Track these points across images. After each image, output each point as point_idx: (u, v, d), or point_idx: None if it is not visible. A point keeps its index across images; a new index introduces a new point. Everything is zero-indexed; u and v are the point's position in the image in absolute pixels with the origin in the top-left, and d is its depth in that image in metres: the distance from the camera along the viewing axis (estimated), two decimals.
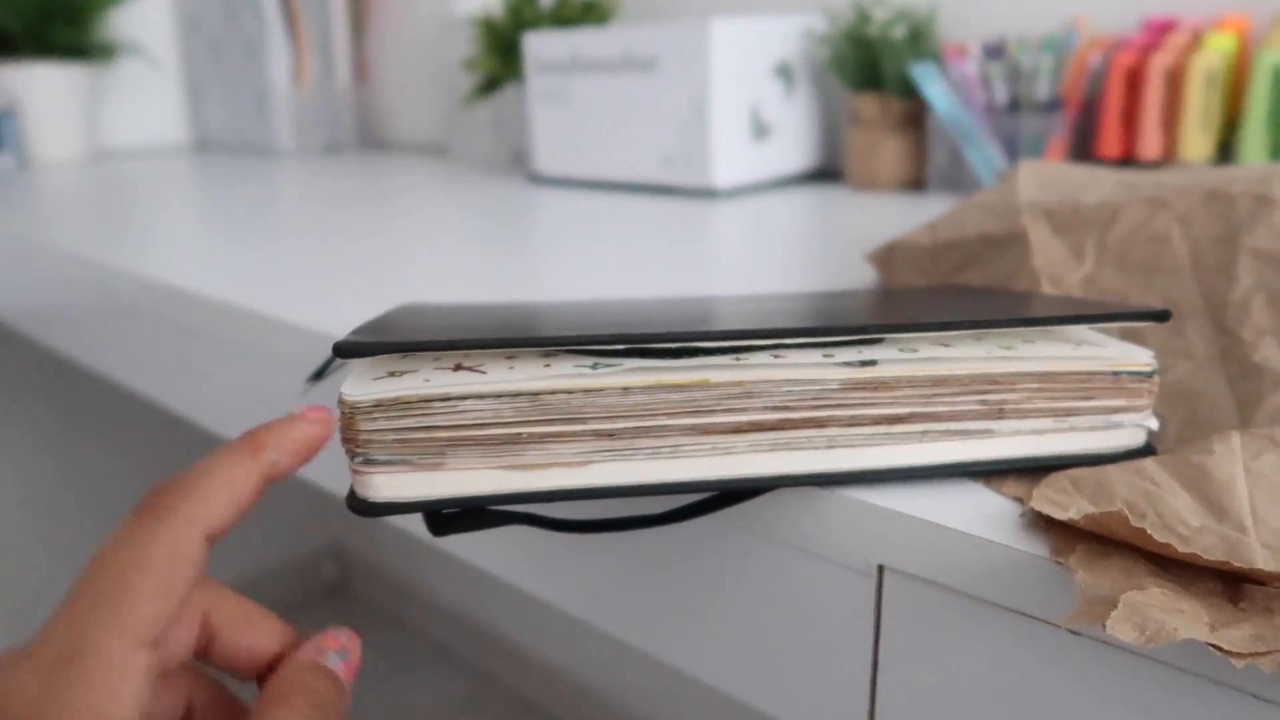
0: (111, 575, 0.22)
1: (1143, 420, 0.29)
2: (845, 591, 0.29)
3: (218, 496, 0.24)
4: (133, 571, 0.22)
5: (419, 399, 0.26)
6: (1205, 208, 0.38)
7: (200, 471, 0.24)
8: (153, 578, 0.22)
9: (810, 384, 0.27)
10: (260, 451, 0.25)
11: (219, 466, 0.25)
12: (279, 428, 0.26)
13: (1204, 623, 0.21)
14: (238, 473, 0.25)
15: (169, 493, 0.24)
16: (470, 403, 0.26)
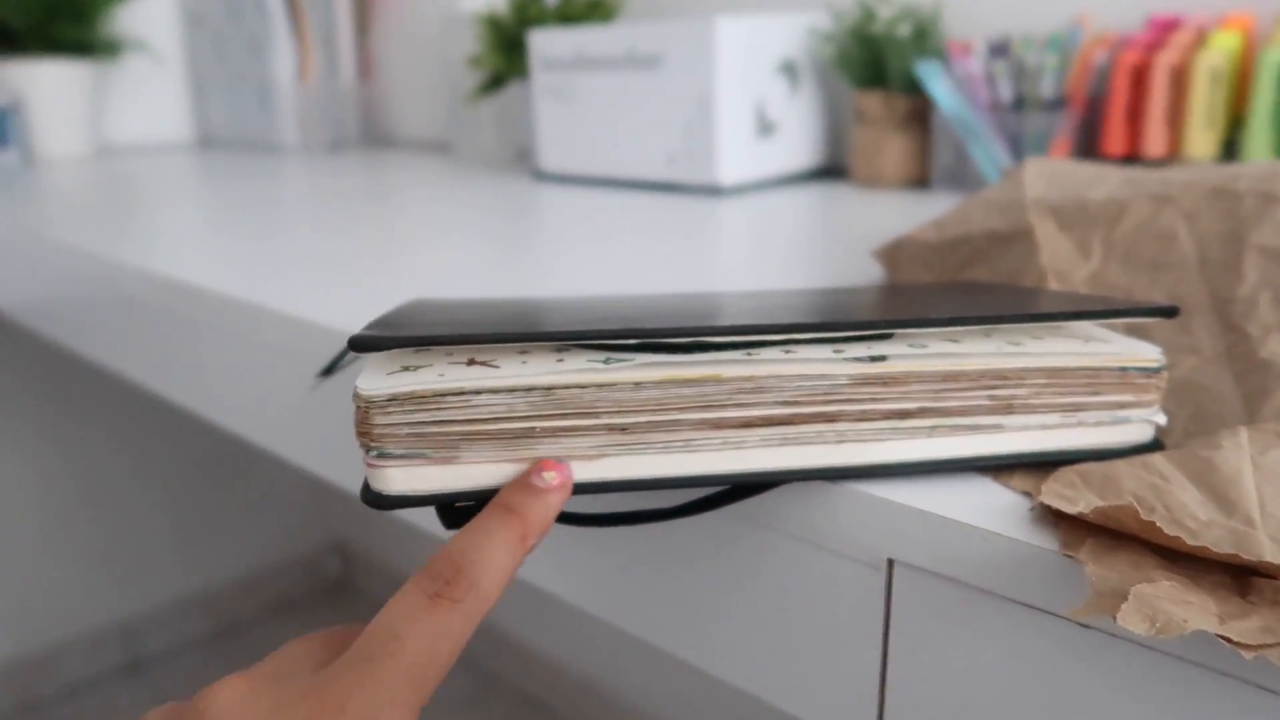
0: (409, 655, 0.24)
1: (1151, 415, 0.29)
2: (855, 584, 0.29)
3: (495, 588, 0.26)
4: (428, 658, 0.24)
5: (433, 393, 0.26)
6: (1211, 204, 0.38)
7: (482, 560, 0.26)
8: (440, 666, 0.24)
9: (820, 379, 0.27)
10: (526, 540, 0.26)
11: (497, 556, 0.26)
12: (540, 509, 0.27)
13: (1213, 615, 0.21)
14: (510, 562, 0.26)
15: (459, 584, 0.25)
16: (484, 397, 0.26)
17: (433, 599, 0.25)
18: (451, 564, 0.25)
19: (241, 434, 0.58)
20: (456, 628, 0.25)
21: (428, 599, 0.25)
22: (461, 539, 0.26)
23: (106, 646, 1.60)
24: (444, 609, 0.25)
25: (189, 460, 1.64)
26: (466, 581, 0.25)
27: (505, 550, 0.26)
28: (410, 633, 0.24)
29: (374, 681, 0.24)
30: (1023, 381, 0.28)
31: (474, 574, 0.25)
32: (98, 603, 1.59)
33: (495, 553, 0.26)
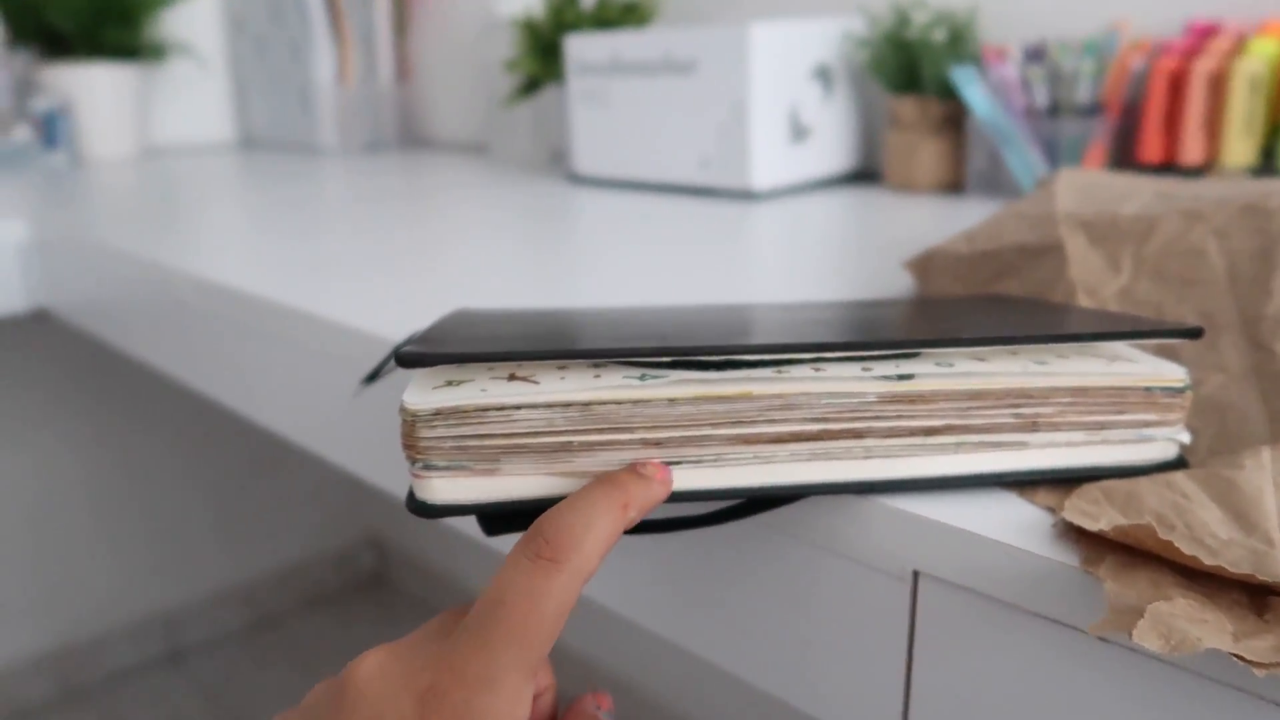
0: (516, 618, 0.25)
1: (1175, 434, 0.30)
2: (881, 595, 0.30)
3: (596, 551, 0.26)
4: (534, 619, 0.25)
5: (476, 408, 0.27)
6: (1242, 221, 0.38)
7: (583, 523, 0.27)
8: (547, 627, 0.25)
9: (849, 397, 0.28)
10: (627, 510, 0.27)
11: (598, 520, 0.27)
12: (642, 486, 0.28)
13: (1228, 633, 0.21)
14: (610, 528, 0.27)
15: (560, 545, 0.26)
16: (524, 412, 0.28)
17: (533, 561, 0.26)
18: (554, 527, 0.26)
19: (282, 434, 0.60)
20: (559, 588, 0.26)
21: (529, 562, 0.26)
22: (564, 505, 0.27)
23: (148, 636, 1.64)
24: (544, 570, 0.26)
25: (230, 456, 1.67)
26: (568, 543, 0.26)
27: (607, 516, 0.27)
28: (513, 596, 0.25)
29: (486, 647, 0.25)
30: (1048, 400, 0.29)
31: (575, 535, 0.26)
32: (140, 594, 1.62)
33: (596, 517, 0.27)
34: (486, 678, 0.25)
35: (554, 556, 0.26)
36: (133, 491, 1.59)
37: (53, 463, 1.50)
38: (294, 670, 1.63)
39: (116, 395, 1.54)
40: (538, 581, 0.26)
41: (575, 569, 0.26)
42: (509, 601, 0.25)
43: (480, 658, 0.25)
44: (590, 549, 0.26)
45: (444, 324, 0.34)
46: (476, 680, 0.25)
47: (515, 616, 0.25)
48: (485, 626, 0.25)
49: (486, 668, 0.25)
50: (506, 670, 0.25)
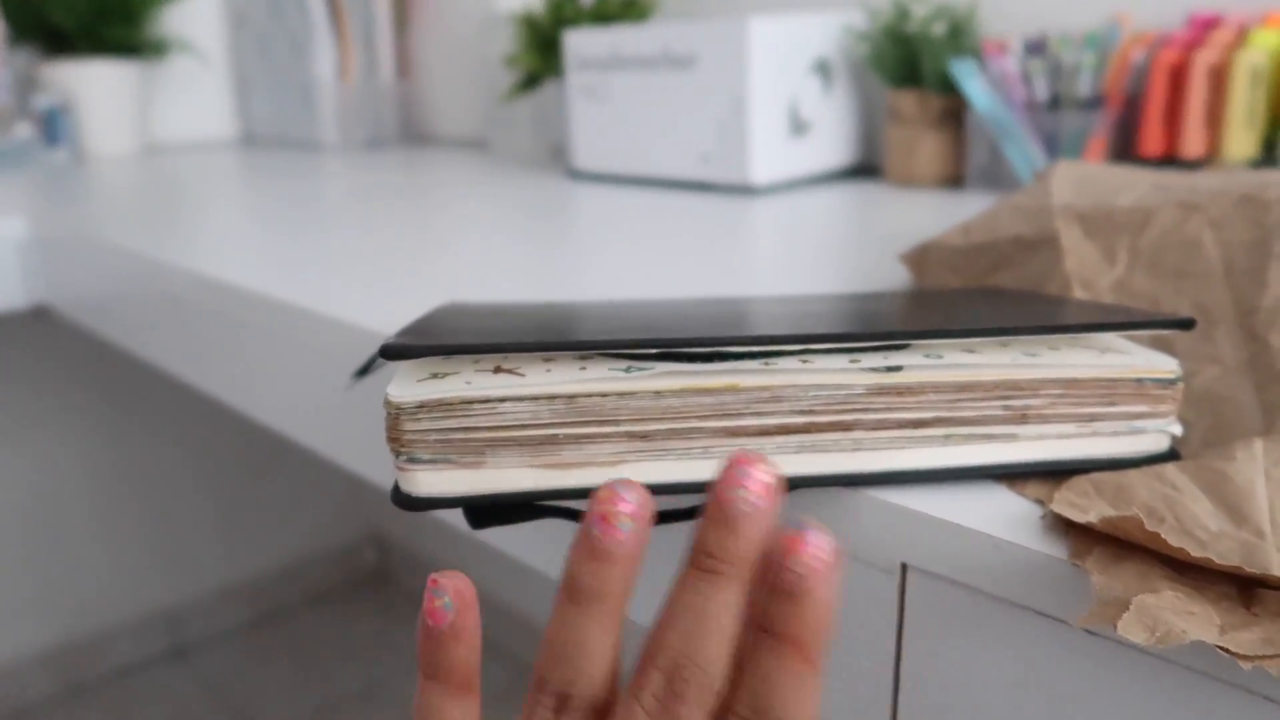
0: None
1: (1166, 426, 0.29)
2: (870, 588, 0.30)
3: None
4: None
5: (460, 401, 0.27)
6: (1238, 212, 0.38)
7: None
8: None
9: (836, 389, 0.28)
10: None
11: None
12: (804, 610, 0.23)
13: (1214, 625, 0.21)
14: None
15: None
16: (509, 404, 0.27)
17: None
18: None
19: (281, 430, 0.60)
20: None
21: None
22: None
23: (152, 632, 1.64)
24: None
25: (232, 452, 1.67)
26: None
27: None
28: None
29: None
30: (1038, 392, 0.28)
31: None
32: (144, 590, 1.63)
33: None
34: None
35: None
36: (134, 488, 1.59)
37: (54, 459, 1.51)
38: (297, 666, 1.64)
39: (117, 392, 1.55)
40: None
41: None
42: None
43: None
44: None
45: (432, 316, 0.34)
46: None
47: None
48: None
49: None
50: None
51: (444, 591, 0.25)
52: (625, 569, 0.23)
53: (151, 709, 1.54)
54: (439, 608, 0.25)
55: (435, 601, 0.25)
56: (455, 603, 0.25)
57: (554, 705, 0.24)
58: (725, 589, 0.22)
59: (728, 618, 0.22)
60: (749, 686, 0.22)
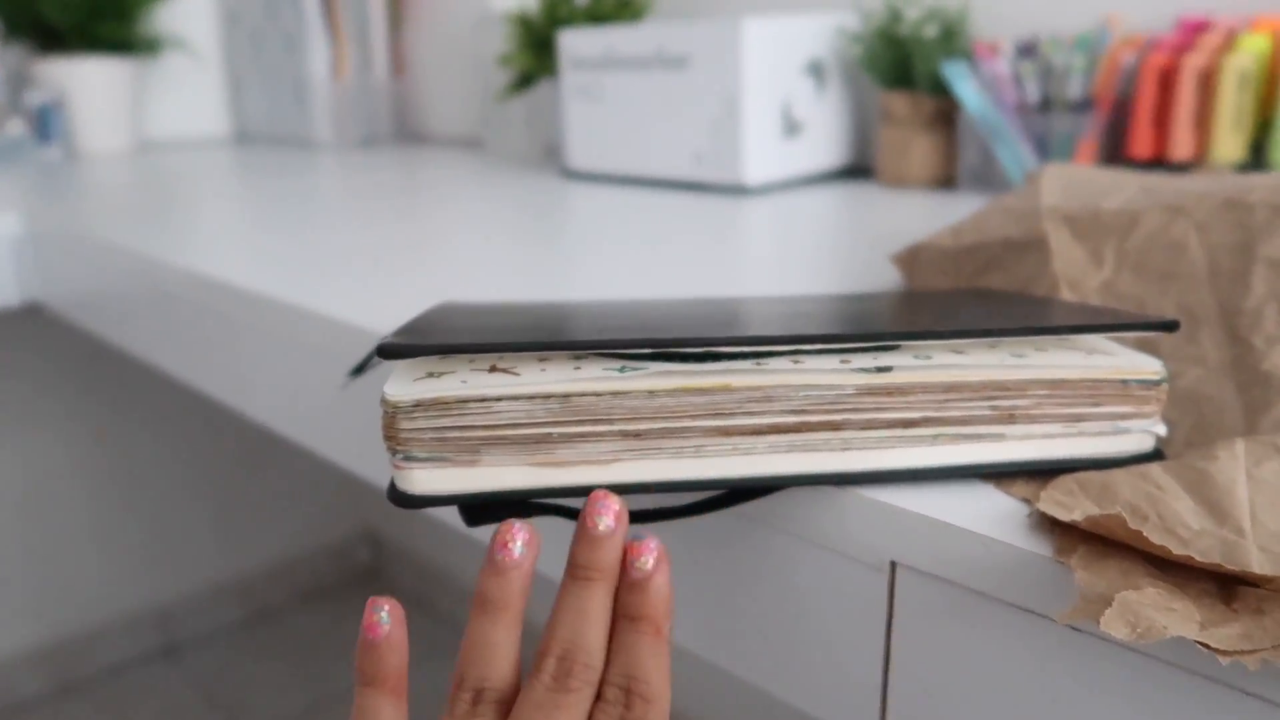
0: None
1: (1150, 426, 0.30)
2: (859, 585, 0.30)
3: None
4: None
5: (456, 400, 0.28)
6: (1223, 216, 0.38)
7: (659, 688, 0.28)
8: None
9: (827, 389, 0.28)
10: (660, 632, 0.29)
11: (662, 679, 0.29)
12: (665, 601, 0.29)
13: (1195, 621, 0.22)
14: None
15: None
16: (504, 403, 0.28)
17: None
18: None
19: (275, 428, 0.60)
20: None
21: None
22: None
23: (143, 630, 1.64)
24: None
25: (225, 450, 1.67)
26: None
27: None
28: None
29: None
30: (1025, 393, 0.29)
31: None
32: (135, 588, 1.63)
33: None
34: None
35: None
36: (127, 485, 1.59)
37: (46, 457, 1.50)
38: (289, 664, 1.64)
39: (110, 389, 1.55)
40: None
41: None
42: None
43: None
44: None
45: (429, 316, 0.34)
46: None
47: None
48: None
49: None
50: None
51: (381, 608, 0.29)
52: (522, 583, 0.29)
53: (143, 707, 1.54)
54: (377, 622, 0.29)
55: (374, 617, 0.29)
56: (390, 618, 0.29)
57: (471, 699, 0.28)
58: (597, 590, 0.28)
59: (601, 612, 0.28)
60: (617, 660, 0.28)
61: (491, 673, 0.28)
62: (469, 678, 0.28)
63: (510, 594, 0.29)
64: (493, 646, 0.29)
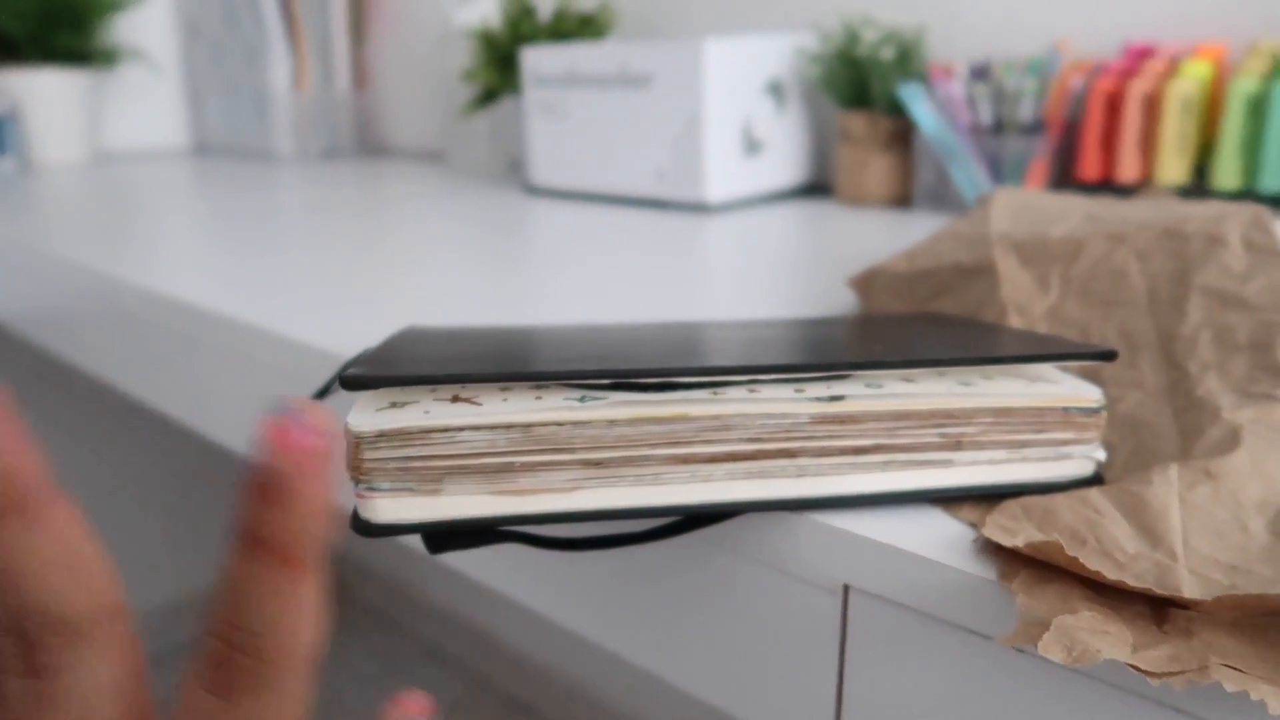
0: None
1: (1091, 452, 0.31)
2: (813, 608, 0.31)
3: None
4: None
5: (419, 430, 0.28)
6: (1161, 244, 0.40)
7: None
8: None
9: (783, 418, 0.29)
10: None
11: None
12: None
13: (1127, 644, 0.23)
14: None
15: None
16: (467, 434, 0.28)
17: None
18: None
19: (234, 448, 0.60)
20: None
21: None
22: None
23: None
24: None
25: (182, 468, 1.65)
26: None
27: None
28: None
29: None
30: (971, 420, 0.30)
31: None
32: None
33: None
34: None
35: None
36: (82, 504, 1.56)
37: None
38: None
39: (65, 408, 1.52)
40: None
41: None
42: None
43: None
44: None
45: (391, 343, 0.35)
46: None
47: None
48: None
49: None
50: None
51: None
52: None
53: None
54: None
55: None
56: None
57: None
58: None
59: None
60: (224, 601, 0.19)
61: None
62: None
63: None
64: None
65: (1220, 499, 0.28)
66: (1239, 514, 0.27)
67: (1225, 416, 0.31)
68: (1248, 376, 0.33)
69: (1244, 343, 0.34)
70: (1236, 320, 0.35)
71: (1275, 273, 0.36)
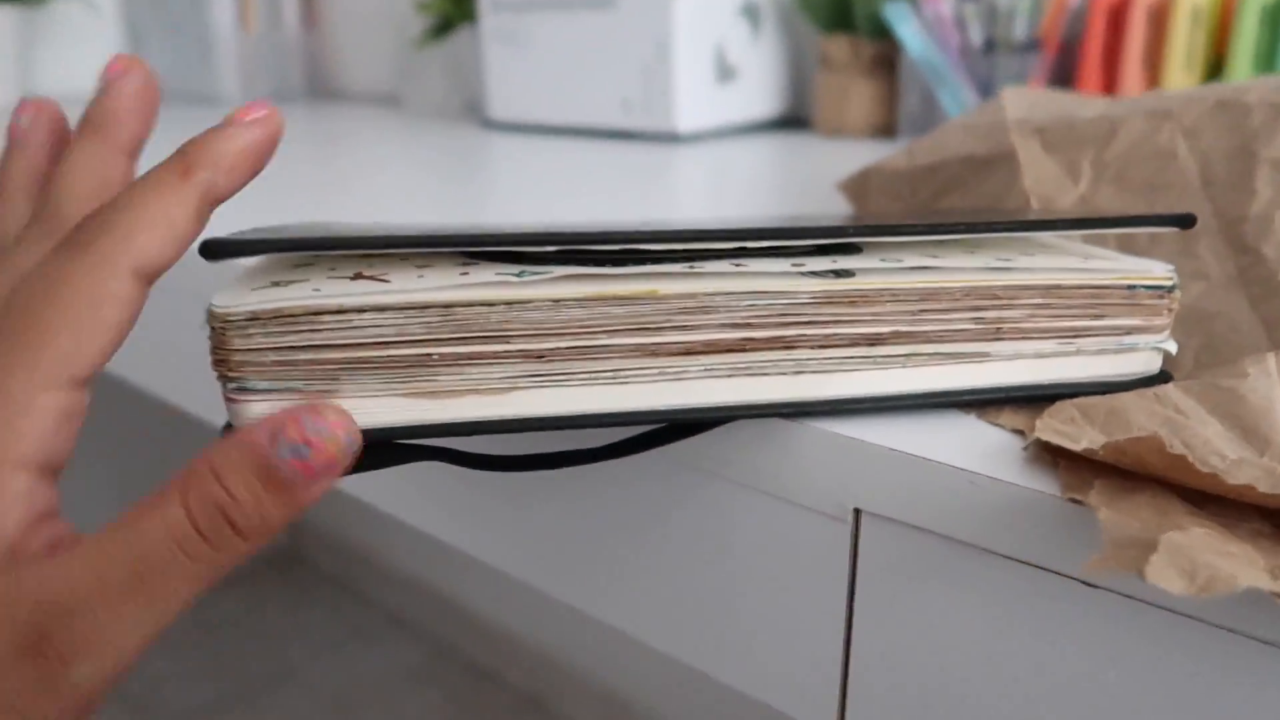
0: (22, 314, 0.21)
1: (1161, 342, 0.25)
2: (815, 540, 0.25)
3: (146, 231, 0.22)
4: (45, 309, 0.20)
5: (305, 311, 0.21)
6: (1215, 119, 0.34)
7: (123, 204, 0.22)
8: (67, 316, 0.20)
9: (777, 297, 0.23)
10: (191, 173, 0.23)
11: (143, 195, 0.22)
12: (211, 139, 0.23)
13: (1261, 569, 0.17)
14: (167, 201, 0.22)
15: (87, 229, 0.21)
16: (369, 316, 0.22)
17: (54, 251, 0.22)
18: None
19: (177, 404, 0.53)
20: (81, 272, 0.22)
21: (50, 254, 0.22)
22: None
23: None
24: (66, 256, 0.22)
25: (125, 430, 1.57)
26: (96, 222, 0.22)
27: (157, 186, 0.23)
28: (20, 293, 0.22)
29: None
30: (1014, 302, 0.24)
31: (108, 215, 0.22)
32: None
33: (143, 189, 0.23)
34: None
35: (81, 241, 0.21)
36: None
37: None
38: (200, 653, 1.55)
39: None
40: (54, 269, 0.21)
41: (107, 251, 0.21)
42: (14, 299, 0.21)
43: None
44: (133, 226, 0.21)
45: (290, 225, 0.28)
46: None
47: (20, 311, 0.21)
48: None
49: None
50: (3, 378, 0.20)
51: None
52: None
53: None
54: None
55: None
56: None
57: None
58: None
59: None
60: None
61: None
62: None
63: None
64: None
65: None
66: None
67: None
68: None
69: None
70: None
71: None
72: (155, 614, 0.20)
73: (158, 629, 0.20)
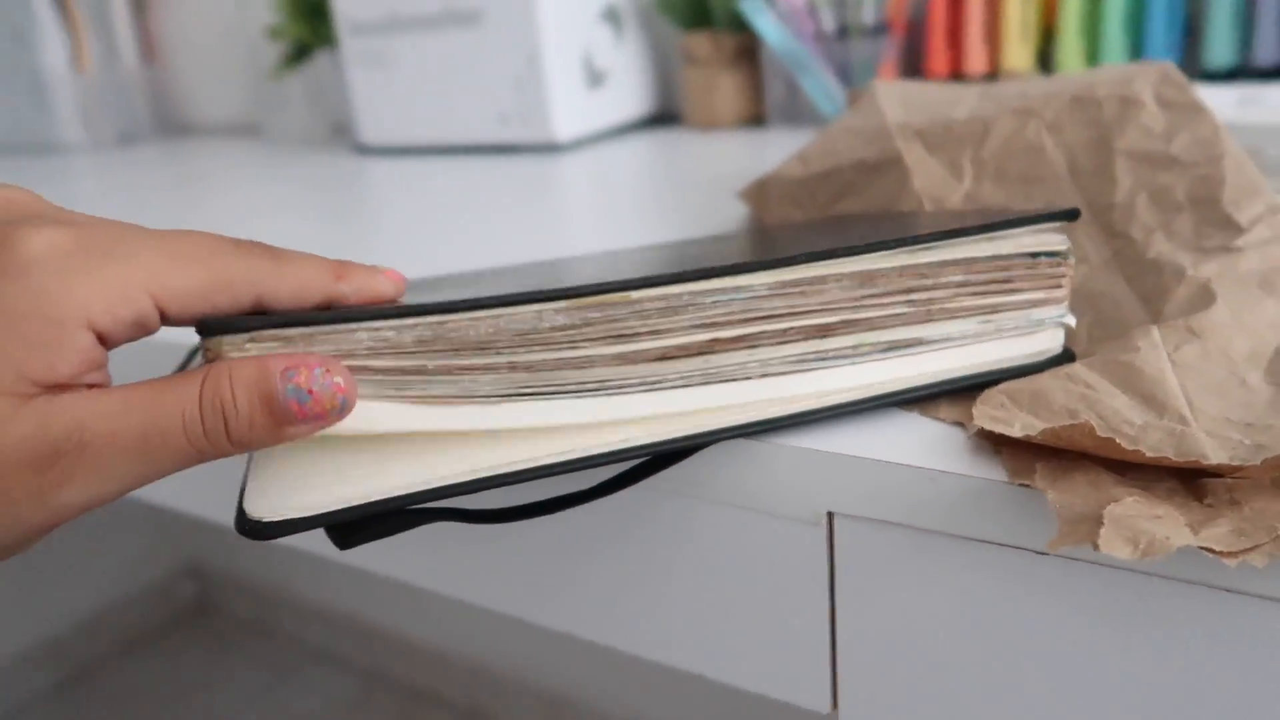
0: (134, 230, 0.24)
1: (1061, 315, 0.29)
2: (794, 544, 0.28)
3: (288, 284, 0.24)
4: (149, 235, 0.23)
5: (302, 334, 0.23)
6: (1073, 114, 0.38)
7: (287, 258, 0.24)
8: (176, 252, 0.23)
9: (737, 291, 0.25)
10: (341, 279, 0.25)
11: (302, 264, 0.25)
12: (365, 272, 0.25)
13: (1183, 526, 0.20)
14: (314, 277, 0.24)
15: (243, 263, 0.24)
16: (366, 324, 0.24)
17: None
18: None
19: None
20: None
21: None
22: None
23: None
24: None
25: None
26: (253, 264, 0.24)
27: (315, 266, 0.25)
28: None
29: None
30: (939, 279, 0.27)
31: (268, 258, 0.25)
32: None
33: (304, 260, 0.25)
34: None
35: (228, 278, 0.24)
36: None
37: None
38: None
39: None
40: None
41: (246, 286, 0.24)
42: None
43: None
44: (282, 280, 0.24)
45: None
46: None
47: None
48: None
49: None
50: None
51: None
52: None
53: None
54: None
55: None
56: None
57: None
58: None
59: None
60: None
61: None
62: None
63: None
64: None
65: (1211, 356, 0.26)
66: (1233, 369, 0.25)
67: (1190, 274, 0.29)
68: (1197, 233, 0.31)
69: (1184, 200, 0.33)
70: (1170, 179, 0.34)
71: (1198, 126, 0.35)
72: (141, 471, 0.22)
73: (134, 486, 0.22)
